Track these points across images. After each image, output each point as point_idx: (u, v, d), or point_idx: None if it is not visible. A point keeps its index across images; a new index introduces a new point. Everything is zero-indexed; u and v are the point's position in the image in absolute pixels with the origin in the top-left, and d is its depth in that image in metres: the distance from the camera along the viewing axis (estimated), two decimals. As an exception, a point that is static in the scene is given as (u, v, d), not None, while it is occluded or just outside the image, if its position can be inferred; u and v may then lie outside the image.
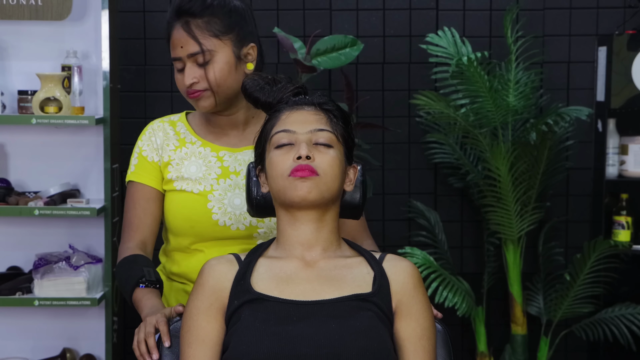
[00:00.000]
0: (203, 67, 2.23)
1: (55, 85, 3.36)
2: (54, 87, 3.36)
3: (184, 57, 2.23)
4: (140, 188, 2.31)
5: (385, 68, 3.76)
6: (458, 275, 3.60)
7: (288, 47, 3.38)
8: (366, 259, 1.99)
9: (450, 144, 3.66)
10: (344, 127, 2.00)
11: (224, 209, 2.27)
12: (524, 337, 3.60)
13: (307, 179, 1.90)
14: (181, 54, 2.23)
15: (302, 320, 1.85)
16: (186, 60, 2.23)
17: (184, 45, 2.22)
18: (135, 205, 2.31)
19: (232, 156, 2.32)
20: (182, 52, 2.22)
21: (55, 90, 3.36)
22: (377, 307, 1.90)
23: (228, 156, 2.31)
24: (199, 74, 2.23)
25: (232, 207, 2.28)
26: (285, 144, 1.95)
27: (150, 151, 2.32)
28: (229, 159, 2.31)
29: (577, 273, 3.55)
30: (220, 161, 2.30)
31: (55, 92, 3.35)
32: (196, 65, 2.23)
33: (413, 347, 1.90)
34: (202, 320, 1.91)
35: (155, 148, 2.32)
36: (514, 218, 3.50)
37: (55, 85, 3.36)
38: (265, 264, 1.96)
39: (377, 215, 3.77)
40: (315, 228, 1.95)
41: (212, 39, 2.22)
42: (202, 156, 2.31)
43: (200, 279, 1.96)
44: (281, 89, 2.05)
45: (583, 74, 3.78)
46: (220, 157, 2.31)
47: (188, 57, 2.22)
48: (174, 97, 3.68)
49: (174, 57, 2.24)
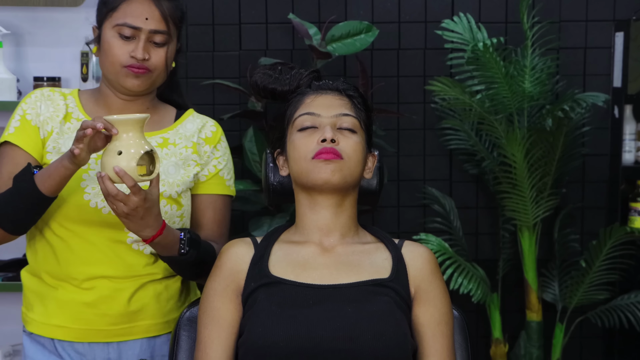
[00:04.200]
0: (156, 48, 2.15)
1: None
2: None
3: (144, 29, 2.13)
4: (15, 151, 2.14)
5: (401, 54, 3.75)
6: (473, 261, 3.59)
7: (303, 33, 3.38)
8: (385, 245, 1.99)
9: (466, 130, 3.65)
10: (366, 114, 2.01)
11: (98, 190, 2.11)
12: (539, 324, 3.59)
13: (331, 162, 1.90)
14: (142, 26, 2.12)
15: (318, 303, 1.86)
16: (141, 34, 2.13)
17: (150, 18, 2.13)
18: (5, 167, 2.14)
19: None
20: (145, 25, 2.13)
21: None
22: (395, 293, 1.90)
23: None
24: (153, 53, 2.14)
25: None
26: (308, 126, 1.95)
27: (34, 116, 2.17)
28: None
29: (593, 260, 3.54)
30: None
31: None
32: (151, 43, 2.14)
33: (431, 332, 1.91)
34: (218, 302, 1.92)
35: (38, 114, 2.17)
36: (529, 204, 3.49)
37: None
38: (283, 248, 1.97)
39: (392, 202, 3.77)
40: (334, 213, 1.95)
41: (173, 25, 2.17)
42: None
43: (219, 261, 1.97)
44: (296, 76, 2.05)
45: (600, 60, 3.76)
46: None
47: (150, 31, 2.13)
48: (189, 83, 3.68)
49: (131, 25, 2.12)
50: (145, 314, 2.21)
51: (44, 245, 2.18)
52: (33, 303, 2.21)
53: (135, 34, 2.13)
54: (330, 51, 3.36)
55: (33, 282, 2.22)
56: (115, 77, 2.16)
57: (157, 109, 2.28)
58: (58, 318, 2.18)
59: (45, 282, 2.19)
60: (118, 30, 2.13)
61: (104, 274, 2.16)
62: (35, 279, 2.21)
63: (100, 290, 2.16)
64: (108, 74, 2.17)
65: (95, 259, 2.15)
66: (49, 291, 2.18)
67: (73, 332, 2.18)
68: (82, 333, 2.18)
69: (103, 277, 2.16)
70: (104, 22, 2.17)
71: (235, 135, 3.63)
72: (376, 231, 2.03)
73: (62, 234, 2.15)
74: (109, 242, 2.16)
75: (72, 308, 2.17)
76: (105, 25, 2.16)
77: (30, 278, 2.23)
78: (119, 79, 2.15)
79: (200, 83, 3.64)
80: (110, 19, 2.15)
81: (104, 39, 2.16)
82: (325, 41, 3.38)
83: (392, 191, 3.76)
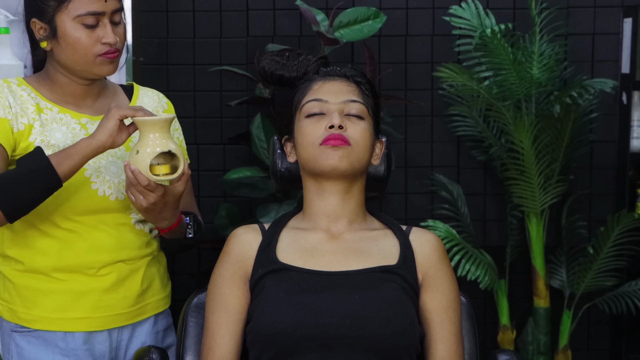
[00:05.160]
0: (117, 26, 2.10)
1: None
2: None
3: (107, 12, 2.06)
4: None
5: (408, 40, 3.74)
6: (481, 248, 3.59)
7: (310, 20, 3.37)
8: (393, 231, 1.99)
9: (474, 117, 3.64)
10: (374, 100, 2.01)
11: (103, 177, 2.12)
12: (547, 310, 3.59)
13: (339, 148, 1.90)
14: (105, 9, 2.06)
15: (326, 290, 1.86)
16: (104, 18, 2.06)
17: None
18: None
19: (94, 124, 2.14)
20: (106, 7, 2.06)
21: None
22: (402, 279, 1.90)
23: (90, 124, 2.14)
24: (117, 32, 2.09)
25: (110, 175, 2.14)
26: (316, 113, 1.95)
27: (2, 108, 2.06)
28: (92, 126, 2.13)
29: (601, 246, 3.54)
30: (85, 128, 2.13)
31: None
32: (112, 24, 2.08)
33: (439, 318, 1.91)
34: (226, 288, 1.93)
35: (8, 106, 2.07)
36: (537, 191, 3.49)
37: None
38: (290, 234, 1.97)
39: (399, 188, 3.76)
40: (342, 199, 1.95)
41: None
42: (65, 122, 2.12)
43: (227, 247, 1.97)
44: (303, 62, 2.05)
45: (608, 46, 3.75)
46: (83, 124, 2.13)
47: (112, 12, 2.07)
48: (196, 70, 3.68)
49: (94, 12, 2.05)
50: (153, 290, 2.25)
51: (47, 242, 2.14)
52: (34, 300, 2.14)
53: (98, 19, 2.06)
54: (338, 37, 3.35)
55: (30, 279, 2.14)
56: (87, 67, 2.10)
57: (107, 87, 2.23)
58: (75, 311, 2.15)
59: (51, 277, 2.14)
60: (80, 20, 2.05)
61: (120, 258, 2.17)
62: (34, 276, 2.14)
63: (118, 273, 2.17)
64: (76, 65, 2.10)
65: (108, 245, 2.16)
66: (57, 285, 2.14)
67: (93, 321, 2.16)
68: (102, 321, 2.17)
69: (119, 262, 2.18)
70: (56, 15, 2.07)
71: (242, 122, 3.63)
72: (384, 218, 2.03)
73: (70, 226, 2.14)
74: (117, 225, 2.17)
75: (91, 296, 2.15)
76: (60, 18, 2.06)
77: (26, 276, 2.14)
78: (92, 69, 2.10)
79: (207, 69, 3.64)
80: (66, 10, 2.06)
81: (65, 32, 2.07)
82: (333, 27, 3.37)
83: (399, 178, 3.76)
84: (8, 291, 2.17)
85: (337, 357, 1.80)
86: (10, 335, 2.18)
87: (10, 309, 2.16)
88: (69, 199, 2.11)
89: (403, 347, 1.84)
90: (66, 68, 2.12)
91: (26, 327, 2.16)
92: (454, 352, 1.90)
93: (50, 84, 2.15)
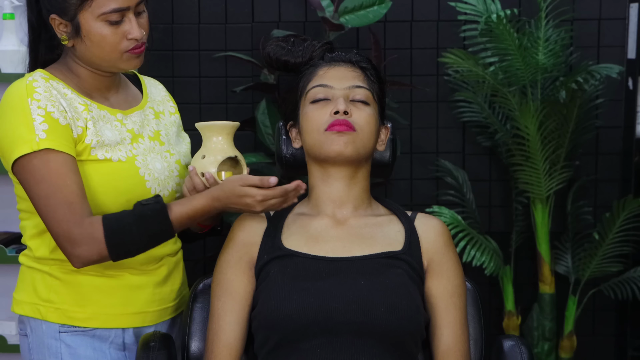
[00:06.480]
0: (140, 18, 2.02)
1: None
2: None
3: (132, 6, 1.99)
4: (64, 158, 1.95)
5: (414, 26, 3.73)
6: (486, 234, 3.59)
7: (315, 5, 3.37)
8: (398, 217, 1.99)
9: (479, 103, 3.64)
10: (379, 86, 2.00)
11: (152, 175, 2.07)
12: (552, 296, 3.59)
13: (344, 134, 1.90)
14: (129, 3, 1.98)
15: (331, 276, 1.86)
16: (129, 13, 1.99)
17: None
18: (69, 177, 1.94)
19: (127, 118, 2.09)
20: (130, 1, 1.98)
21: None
22: (408, 265, 1.90)
23: (125, 119, 2.09)
24: (143, 25, 2.02)
25: (157, 172, 2.08)
26: (321, 98, 1.95)
27: (58, 113, 1.97)
28: (128, 122, 2.09)
29: (606, 232, 3.53)
30: (122, 124, 2.08)
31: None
32: (136, 15, 2.01)
33: (444, 304, 1.91)
34: (232, 273, 1.93)
35: (63, 110, 1.98)
36: (542, 177, 3.48)
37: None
38: (296, 220, 1.97)
39: (404, 174, 3.76)
40: (347, 185, 1.95)
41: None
42: (107, 119, 2.05)
43: (232, 233, 1.98)
44: (308, 48, 2.05)
45: (614, 31, 3.73)
46: (119, 119, 2.08)
47: (136, 4, 2.00)
48: (201, 56, 3.67)
49: (119, 8, 1.97)
50: (184, 282, 2.24)
51: None
52: (90, 297, 2.06)
53: (123, 15, 1.99)
54: (343, 23, 3.35)
55: (83, 277, 2.06)
56: (113, 63, 2.03)
57: (121, 77, 2.18)
58: (131, 306, 2.10)
59: (105, 274, 2.07)
60: (104, 18, 1.97)
61: (167, 252, 2.15)
62: (87, 274, 2.06)
63: (167, 266, 2.15)
64: (102, 62, 2.03)
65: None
66: (111, 281, 2.07)
67: (147, 315, 2.12)
68: (155, 315, 2.14)
69: (167, 255, 2.15)
70: (79, 13, 1.98)
71: (247, 107, 3.62)
72: (389, 203, 2.03)
73: None
74: None
75: (145, 290, 2.11)
76: (83, 16, 1.98)
77: (78, 274, 2.06)
78: (119, 64, 2.03)
79: (212, 55, 3.64)
80: (89, 8, 1.97)
81: (89, 31, 1.99)
82: (338, 13, 3.36)
83: (404, 164, 3.75)
84: (55, 291, 2.06)
85: (342, 342, 1.81)
86: (57, 337, 2.07)
87: (58, 309, 2.06)
88: (130, 200, 2.02)
89: (408, 333, 1.84)
90: (90, 64, 2.06)
91: (78, 326, 2.07)
92: (459, 338, 1.90)
93: (76, 79, 2.07)
